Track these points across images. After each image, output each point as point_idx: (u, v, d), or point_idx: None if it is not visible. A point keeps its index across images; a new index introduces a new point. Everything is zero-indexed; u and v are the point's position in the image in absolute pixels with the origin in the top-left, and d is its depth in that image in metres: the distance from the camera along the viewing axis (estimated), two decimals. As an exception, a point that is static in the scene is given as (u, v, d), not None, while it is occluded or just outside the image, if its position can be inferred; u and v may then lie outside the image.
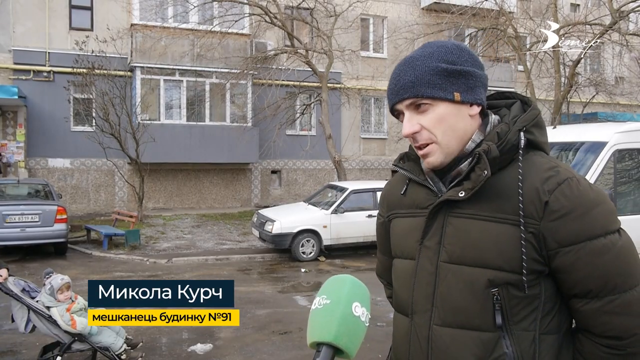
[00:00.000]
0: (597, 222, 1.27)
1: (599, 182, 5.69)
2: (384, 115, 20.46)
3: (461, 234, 1.34)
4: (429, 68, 1.34)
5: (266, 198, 18.64)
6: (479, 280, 1.30)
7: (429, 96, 1.33)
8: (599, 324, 1.29)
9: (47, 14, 15.87)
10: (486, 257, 1.30)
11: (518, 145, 1.34)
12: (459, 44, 1.41)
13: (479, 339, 1.31)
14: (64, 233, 10.76)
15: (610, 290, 1.26)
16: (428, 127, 1.35)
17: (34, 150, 15.92)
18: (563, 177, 1.29)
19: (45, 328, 4.67)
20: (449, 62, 1.35)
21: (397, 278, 1.53)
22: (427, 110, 1.35)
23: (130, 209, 15.73)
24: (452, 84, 1.34)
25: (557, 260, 1.28)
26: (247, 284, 9.03)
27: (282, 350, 5.78)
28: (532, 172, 1.31)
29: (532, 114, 1.39)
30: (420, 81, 1.33)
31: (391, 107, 1.42)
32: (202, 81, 16.95)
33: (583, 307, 1.30)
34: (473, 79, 1.37)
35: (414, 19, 19.06)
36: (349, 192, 11.44)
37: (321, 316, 1.06)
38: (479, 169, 1.30)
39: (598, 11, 15.49)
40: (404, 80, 1.36)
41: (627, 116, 17.02)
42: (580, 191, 1.28)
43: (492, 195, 1.32)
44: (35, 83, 15.77)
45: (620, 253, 1.27)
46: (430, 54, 1.36)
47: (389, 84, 1.42)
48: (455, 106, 1.35)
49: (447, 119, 1.35)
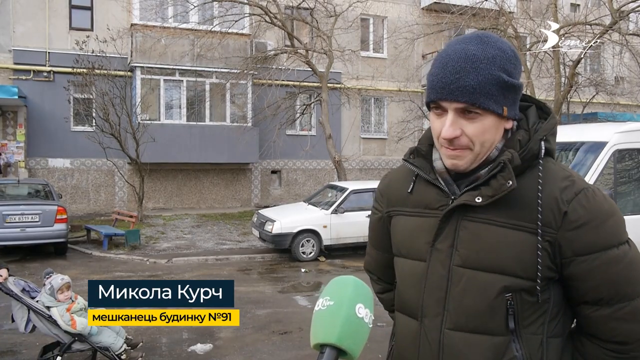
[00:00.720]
0: (611, 233, 1.30)
1: (598, 182, 5.69)
2: (384, 116, 20.45)
3: (476, 239, 1.33)
4: (492, 76, 1.27)
5: (266, 198, 18.64)
6: (495, 286, 1.31)
7: (484, 107, 1.28)
8: (607, 329, 1.32)
9: (47, 14, 15.88)
10: (503, 263, 1.30)
11: (538, 155, 1.33)
12: (515, 50, 1.35)
13: (491, 343, 1.31)
14: (64, 233, 10.75)
15: (620, 299, 1.29)
16: (470, 135, 1.30)
17: (34, 150, 15.92)
18: (580, 188, 1.31)
19: (45, 328, 4.66)
20: (508, 73, 1.30)
21: (403, 279, 1.50)
22: (475, 118, 1.29)
23: (130, 209, 15.73)
24: (505, 97, 1.30)
25: (571, 268, 1.30)
26: (247, 284, 9.03)
27: (282, 350, 5.77)
28: (550, 181, 1.31)
29: (552, 123, 1.39)
30: (482, 89, 1.26)
31: (434, 100, 1.32)
32: (202, 81, 16.94)
33: (593, 313, 1.32)
34: (519, 93, 1.35)
35: (414, 19, 19.06)
36: (349, 192, 11.43)
37: (325, 318, 1.06)
38: (502, 177, 1.29)
39: (598, 11, 15.49)
40: (466, 81, 1.26)
41: (627, 116, 17.02)
42: (597, 202, 1.30)
43: (510, 202, 1.31)
44: (36, 83, 15.77)
45: (632, 263, 1.30)
46: (493, 57, 1.28)
47: (440, 75, 1.30)
48: (499, 120, 1.32)
49: (490, 131, 1.32)
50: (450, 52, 1.30)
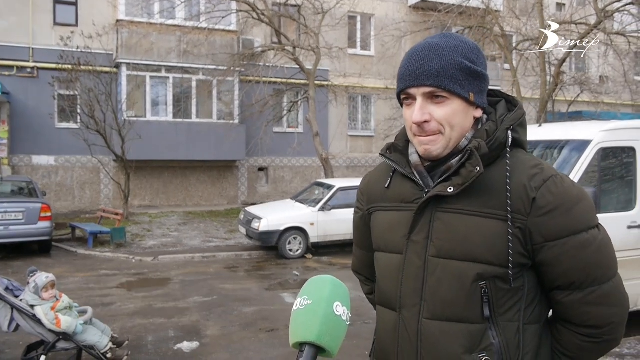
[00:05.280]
0: (580, 217, 1.33)
1: (583, 180, 5.73)
2: (371, 113, 20.49)
3: (450, 229, 1.37)
4: (455, 62, 1.34)
5: (253, 195, 18.60)
6: (468, 274, 1.33)
7: (449, 90, 1.34)
8: (579, 314, 1.35)
9: (30, 9, 15.66)
10: (475, 251, 1.33)
11: (506, 144, 1.37)
12: (477, 45, 1.43)
13: (467, 331, 1.34)
14: (48, 231, 10.63)
15: (591, 282, 1.32)
16: (439, 119, 1.36)
17: (17, 147, 15.71)
18: (548, 175, 1.34)
19: (29, 327, 4.62)
20: (471, 60, 1.37)
21: (381, 272, 1.54)
22: (442, 102, 1.36)
23: (115, 206, 15.61)
24: (470, 83, 1.37)
25: (543, 254, 1.32)
26: (234, 281, 9.01)
27: (269, 348, 5.78)
28: (518, 169, 1.35)
29: (518, 114, 1.43)
30: (446, 73, 1.34)
31: (404, 89, 1.40)
32: (189, 78, 16.84)
33: (565, 298, 1.35)
34: (485, 83, 1.41)
35: (401, 17, 19.07)
36: (336, 190, 11.45)
37: (303, 316, 1.07)
38: (471, 165, 1.33)
39: (584, 10, 15.64)
40: (430, 66, 1.34)
41: (611, 115, 17.19)
42: (565, 188, 1.33)
43: (480, 191, 1.34)
44: (19, 79, 15.56)
45: (601, 247, 1.34)
46: (455, 47, 1.36)
47: (406, 66, 1.40)
48: (466, 105, 1.38)
49: (458, 115, 1.37)
50: (415, 47, 1.42)
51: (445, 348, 1.35)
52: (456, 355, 1.34)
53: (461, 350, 1.33)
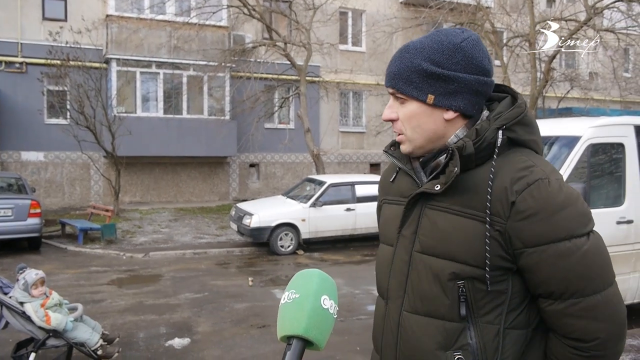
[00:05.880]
0: (562, 225, 1.27)
1: (573, 176, 5.77)
2: (362, 109, 20.50)
3: (434, 226, 1.38)
4: (412, 64, 1.36)
5: (244, 191, 18.57)
6: (445, 272, 1.34)
7: (403, 92, 1.38)
8: (562, 325, 1.31)
9: (19, 4, 15.49)
10: (454, 250, 1.34)
11: (495, 143, 1.33)
12: (458, 45, 1.34)
13: (443, 328, 1.35)
14: (37, 227, 10.55)
15: (572, 293, 1.28)
16: (401, 119, 1.41)
17: (6, 143, 15.56)
18: (534, 178, 1.29)
19: (19, 324, 4.58)
20: (434, 62, 1.34)
21: (378, 262, 1.59)
22: (403, 103, 1.40)
23: (106, 202, 15.53)
24: (430, 85, 1.34)
25: (522, 259, 1.30)
26: (225, 277, 9.00)
27: (260, 344, 5.78)
28: (504, 171, 1.32)
29: (514, 112, 1.36)
30: (400, 75, 1.37)
31: None
32: (179, 73, 16.76)
33: (547, 307, 1.33)
34: (455, 84, 1.34)
35: (393, 13, 19.08)
36: (328, 186, 11.45)
37: (291, 310, 1.07)
38: (452, 164, 1.33)
39: (573, 7, 15.71)
40: (391, 68, 1.40)
41: (600, 111, 17.35)
42: (549, 193, 1.27)
43: (465, 191, 1.34)
44: (7, 74, 15.41)
45: (585, 257, 1.27)
46: (422, 48, 1.36)
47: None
48: (427, 108, 1.37)
49: (417, 118, 1.38)
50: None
51: (420, 342, 1.37)
52: (430, 351, 1.35)
53: (435, 346, 1.34)
